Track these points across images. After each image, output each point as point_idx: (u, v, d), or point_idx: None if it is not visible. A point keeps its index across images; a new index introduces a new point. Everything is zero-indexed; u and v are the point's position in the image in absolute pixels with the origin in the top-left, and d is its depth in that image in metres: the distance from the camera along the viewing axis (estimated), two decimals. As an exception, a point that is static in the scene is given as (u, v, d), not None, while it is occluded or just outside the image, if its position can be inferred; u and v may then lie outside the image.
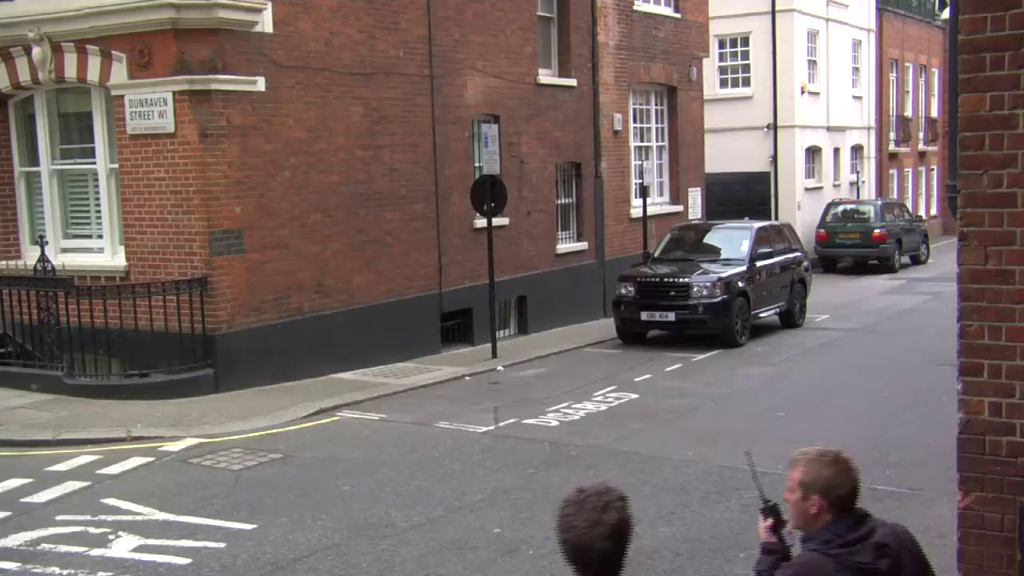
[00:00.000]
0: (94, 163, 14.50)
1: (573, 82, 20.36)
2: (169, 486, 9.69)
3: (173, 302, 13.32)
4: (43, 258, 14.06)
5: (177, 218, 13.52)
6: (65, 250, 14.82)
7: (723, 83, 31.24)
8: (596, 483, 3.23)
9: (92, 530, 8.45)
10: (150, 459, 10.64)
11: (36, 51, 14.05)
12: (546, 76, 19.79)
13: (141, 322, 13.27)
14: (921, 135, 41.30)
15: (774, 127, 30.55)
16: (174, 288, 13.31)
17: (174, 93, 13.25)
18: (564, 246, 20.46)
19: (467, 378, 15.19)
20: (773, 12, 30.25)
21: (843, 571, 3.53)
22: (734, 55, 31.18)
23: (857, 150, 35.72)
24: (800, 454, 3.74)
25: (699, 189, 24.99)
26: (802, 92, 30.93)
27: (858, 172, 35.47)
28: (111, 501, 9.21)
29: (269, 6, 13.90)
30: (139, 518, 8.76)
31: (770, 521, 3.89)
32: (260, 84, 13.87)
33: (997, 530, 4.72)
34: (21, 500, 9.30)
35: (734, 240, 19.23)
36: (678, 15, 23.79)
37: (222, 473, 10.15)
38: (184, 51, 13.19)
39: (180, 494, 9.44)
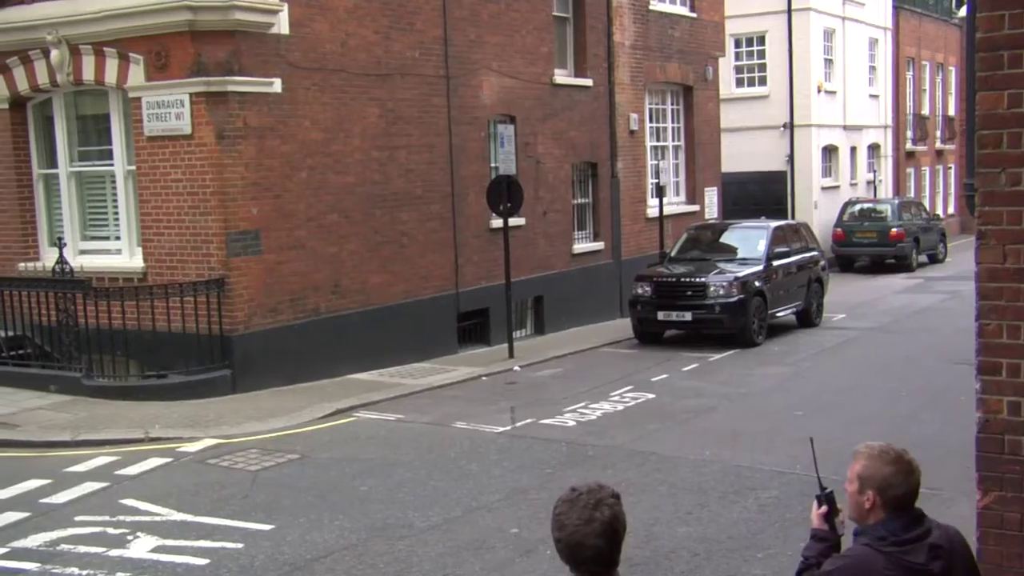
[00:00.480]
0: (112, 165, 14.56)
1: (589, 82, 20.34)
2: (187, 487, 9.72)
3: (190, 303, 13.36)
4: (61, 260, 14.14)
5: (194, 219, 13.56)
6: (83, 252, 14.88)
7: (739, 82, 31.17)
8: (590, 482, 3.24)
9: (111, 531, 8.49)
10: (168, 460, 10.68)
11: (54, 54, 14.11)
12: (562, 76, 19.78)
13: (159, 323, 13.33)
14: (938, 133, 41.13)
15: (790, 126, 30.46)
16: (191, 289, 13.35)
17: (191, 95, 13.28)
18: (580, 246, 20.45)
19: (484, 378, 15.18)
20: (789, 11, 30.17)
21: (894, 569, 3.50)
22: (750, 54, 31.10)
23: (874, 149, 35.59)
24: (864, 447, 3.72)
25: (715, 188, 24.94)
26: (818, 91, 30.83)
27: (875, 171, 35.34)
28: (129, 502, 9.24)
29: (285, 8, 13.93)
30: (157, 519, 8.79)
31: (824, 509, 3.89)
32: (276, 85, 13.91)
33: (1016, 530, 4.69)
34: (40, 501, 9.34)
35: (751, 239, 19.19)
36: (694, 14, 23.74)
37: (239, 474, 10.17)
38: (201, 53, 13.23)
39: (198, 495, 9.47)
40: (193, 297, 13.36)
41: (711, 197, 24.68)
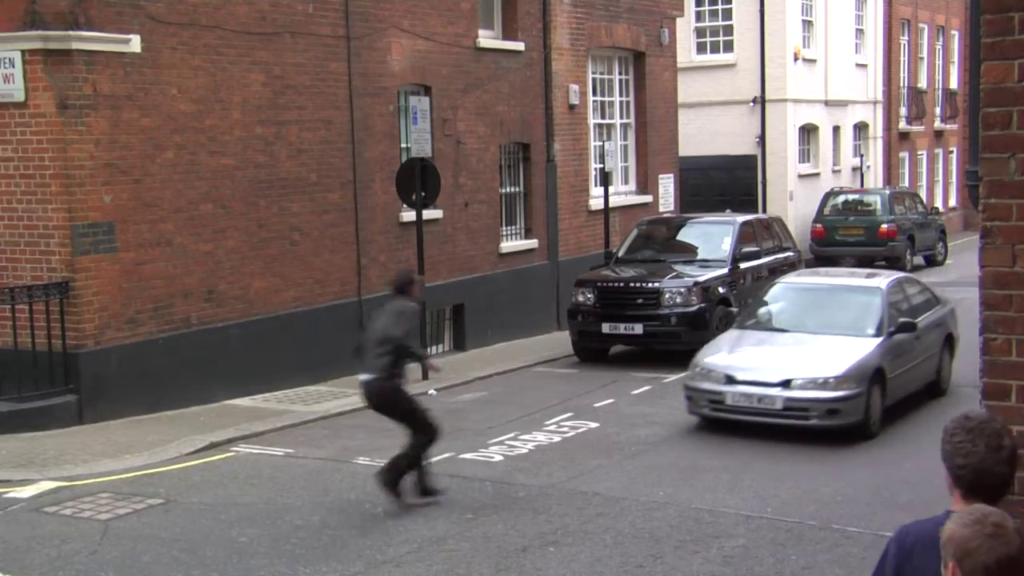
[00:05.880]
0: (-72, 141, 14.29)
1: (520, 46, 20.40)
2: (16, 542, 9.52)
3: (24, 312, 13.16)
4: None
5: (30, 208, 13.37)
6: None
7: (700, 48, 31.46)
8: (977, 411, 4.03)
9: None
10: (-5, 507, 10.50)
11: None
12: (487, 39, 19.80)
13: (-13, 337, 13.12)
14: (938, 111, 41.81)
15: (761, 101, 30.80)
16: (26, 295, 13.14)
17: (23, 52, 13.10)
18: (509, 244, 20.49)
19: (391, 405, 15.16)
20: (760, -38, 30.52)
21: None
22: (713, 14, 31.39)
23: (861, 129, 36.14)
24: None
25: (672, 176, 25.13)
26: (795, 59, 31.22)
27: (862, 155, 35.88)
28: (-61, 563, 9.06)
29: (147, -51, 13.81)
30: (-22, 582, 8.64)
31: None
32: (135, 44, 13.75)
33: (1029, 586, 4.72)
34: None
35: (713, 237, 19.37)
36: (647, -35, 23.93)
37: (86, 524, 10.02)
38: (35, 0, 13.06)
39: (31, 551, 9.29)
40: (28, 305, 13.15)
41: (667, 186, 24.86)
